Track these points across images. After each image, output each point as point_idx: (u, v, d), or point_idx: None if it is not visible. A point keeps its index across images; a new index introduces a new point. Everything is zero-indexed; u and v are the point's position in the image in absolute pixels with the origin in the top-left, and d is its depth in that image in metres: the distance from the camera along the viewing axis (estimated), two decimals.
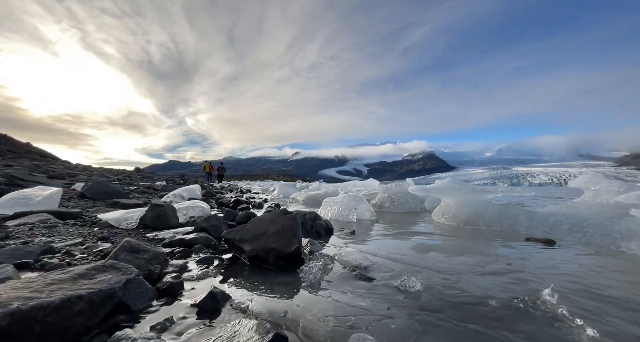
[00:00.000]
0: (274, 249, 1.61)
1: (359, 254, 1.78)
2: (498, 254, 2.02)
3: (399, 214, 4.48)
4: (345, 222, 3.49)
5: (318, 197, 6.54)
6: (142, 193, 6.63)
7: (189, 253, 1.80)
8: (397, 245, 2.28)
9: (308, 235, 2.53)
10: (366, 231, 2.93)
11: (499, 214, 3.25)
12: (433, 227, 3.24)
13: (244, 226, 1.90)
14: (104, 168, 30.00)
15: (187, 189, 5.52)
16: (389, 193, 4.93)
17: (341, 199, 3.88)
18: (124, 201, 3.92)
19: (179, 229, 2.41)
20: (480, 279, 1.48)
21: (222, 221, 2.73)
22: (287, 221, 1.81)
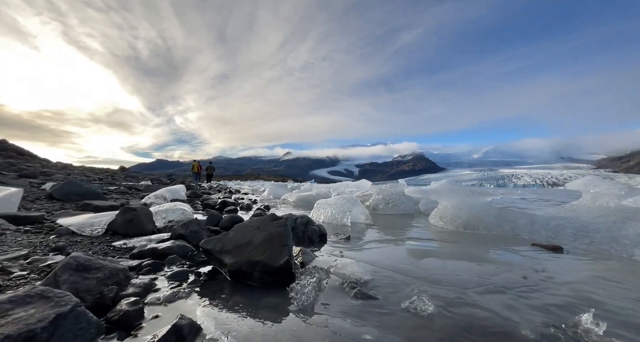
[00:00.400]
0: (260, 262, 1.37)
1: (358, 266, 1.57)
2: (508, 263, 1.85)
3: (394, 217, 4.31)
4: (340, 226, 3.28)
5: (310, 198, 6.31)
6: (122, 194, 6.21)
7: (160, 266, 1.53)
8: (397, 252, 2.08)
9: (300, 242, 2.30)
10: (362, 235, 2.72)
11: (499, 217, 3.12)
12: (432, 232, 3.08)
13: (226, 234, 1.65)
14: (86, 167, 28.72)
15: (170, 189, 5.17)
16: (384, 195, 4.76)
17: (334, 201, 3.67)
18: (97, 202, 3.57)
19: (153, 236, 2.12)
20: (499, 297, 1.29)
21: (204, 226, 2.46)
22: (276, 229, 1.58)
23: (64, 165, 25.41)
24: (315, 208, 3.86)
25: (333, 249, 2.16)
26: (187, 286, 1.33)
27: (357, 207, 3.49)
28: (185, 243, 1.93)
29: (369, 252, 2.05)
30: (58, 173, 12.33)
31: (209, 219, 2.77)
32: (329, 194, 6.46)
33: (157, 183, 14.81)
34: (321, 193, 6.39)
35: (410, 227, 3.36)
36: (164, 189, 5.04)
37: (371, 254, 2.01)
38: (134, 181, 14.97)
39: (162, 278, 1.39)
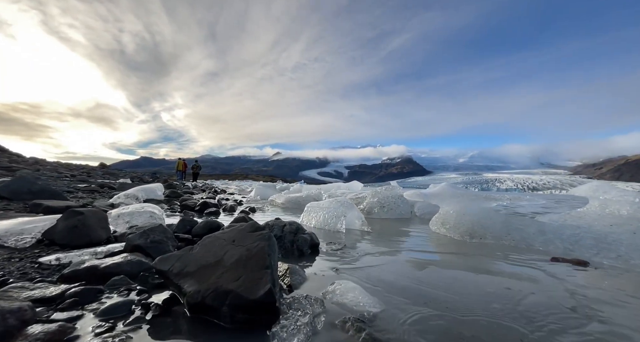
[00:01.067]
0: (232, 292, 0.99)
1: (361, 293, 1.21)
2: (533, 280, 1.56)
3: (390, 221, 4.01)
4: (333, 233, 2.92)
5: (300, 200, 5.93)
6: (91, 192, 5.60)
7: (94, 295, 1.12)
8: (404, 269, 1.74)
9: (287, 254, 1.92)
10: (359, 245, 2.38)
11: (506, 225, 2.86)
12: (435, 241, 2.77)
13: (190, 250, 1.26)
14: (61, 163, 27.06)
15: (144, 188, 4.65)
16: (379, 198, 4.45)
17: (327, 204, 3.32)
18: (50, 202, 3.04)
19: (103, 247, 1.69)
20: (549, 337, 0.97)
21: (172, 233, 2.04)
22: (256, 243, 1.20)
23: (36, 160, 23.78)
24: (305, 212, 3.49)
25: (327, 263, 1.80)
26: (125, 327, 0.93)
27: (352, 212, 3.15)
28: (142, 257, 1.51)
29: (371, 270, 1.69)
30: (25, 168, 11.33)
31: (180, 225, 2.34)
32: (319, 195, 6.11)
33: (137, 181, 13.98)
34: (311, 195, 6.02)
35: (411, 234, 3.05)
36: (136, 187, 4.52)
37: (373, 271, 1.67)
38: (112, 178, 14.07)
39: (91, 315, 0.98)
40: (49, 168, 15.07)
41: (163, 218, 2.79)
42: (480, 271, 1.75)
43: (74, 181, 8.54)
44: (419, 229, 3.33)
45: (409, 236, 2.94)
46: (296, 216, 4.36)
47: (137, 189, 4.47)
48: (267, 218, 3.96)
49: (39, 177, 7.71)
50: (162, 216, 2.79)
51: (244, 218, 3.16)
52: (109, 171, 20.25)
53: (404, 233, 3.09)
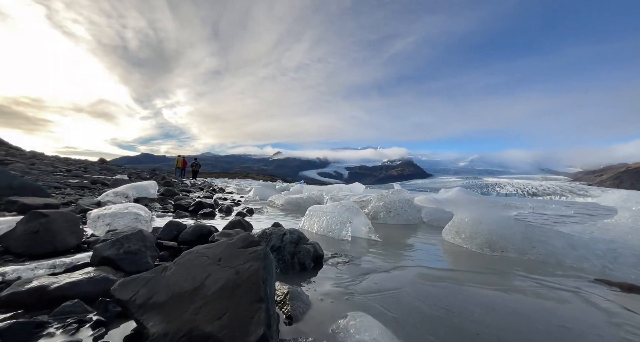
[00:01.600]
0: (212, 339, 0.72)
1: (383, 333, 0.93)
2: (585, 313, 1.28)
3: (398, 228, 3.73)
4: (337, 240, 2.64)
5: (300, 202, 5.65)
6: (81, 189, 5.33)
7: (27, 332, 0.84)
8: (425, 291, 1.46)
9: (287, 269, 1.64)
10: (369, 258, 2.10)
11: (528, 236, 2.58)
12: (452, 253, 2.49)
13: (163, 270, 0.98)
14: (60, 157, 26.82)
15: (136, 185, 4.37)
16: (385, 202, 4.17)
17: (331, 208, 3.04)
18: (29, 199, 2.77)
19: (65, 259, 1.41)
20: None
21: (154, 240, 1.76)
22: (249, 264, 0.92)
23: (34, 154, 23.53)
24: (307, 216, 3.21)
25: (334, 281, 1.52)
26: None
27: (358, 218, 2.87)
28: (111, 273, 1.24)
29: (388, 294, 1.40)
30: (19, 162, 11.07)
31: (166, 230, 2.06)
32: (321, 197, 5.83)
33: (135, 178, 13.72)
34: (313, 196, 5.75)
35: (423, 244, 2.76)
36: (127, 185, 4.24)
37: (390, 295, 1.38)
38: (109, 174, 13.80)
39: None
40: (45, 162, 14.80)
41: (150, 220, 2.51)
42: (515, 297, 1.47)
43: (67, 176, 8.28)
44: (430, 238, 3.05)
45: (422, 246, 2.66)
46: (296, 218, 4.09)
47: (128, 186, 4.19)
48: (265, 221, 3.71)
49: (29, 171, 7.45)
50: (149, 218, 2.51)
51: (240, 222, 2.88)
52: (107, 167, 19.98)
53: (415, 242, 2.81)
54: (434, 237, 3.15)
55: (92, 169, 15.24)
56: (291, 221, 3.89)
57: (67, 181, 6.44)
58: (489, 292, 1.51)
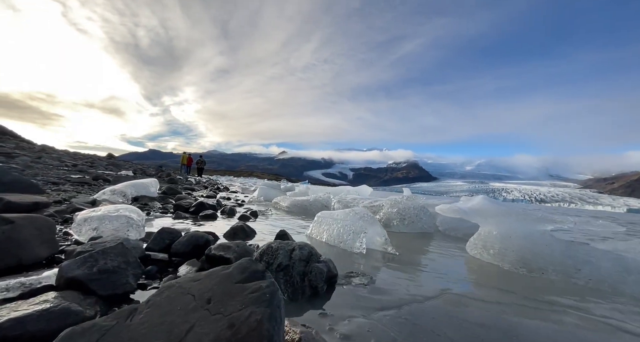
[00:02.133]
0: None
1: None
2: None
3: (413, 238, 3.42)
4: (350, 254, 2.35)
5: (306, 204, 5.37)
6: (81, 185, 5.16)
7: None
8: (471, 333, 1.17)
9: (296, 294, 1.36)
10: (390, 278, 1.80)
11: (570, 255, 2.24)
12: (484, 273, 2.18)
13: (129, 315, 0.71)
14: (69, 151, 27.17)
15: (135, 183, 4.16)
16: (399, 208, 3.86)
17: (343, 215, 2.75)
18: (16, 197, 2.55)
19: (25, 278, 1.15)
20: None
21: (141, 253, 1.50)
22: (249, 311, 0.65)
23: (43, 147, 23.84)
24: (316, 222, 2.93)
25: (355, 315, 1.23)
26: None
27: (373, 228, 2.57)
28: (75, 302, 0.97)
29: (429, 337, 1.11)
30: (26, 156, 11.08)
31: (157, 239, 1.79)
32: (328, 200, 5.54)
33: (140, 174, 13.67)
34: (320, 199, 5.46)
35: (447, 260, 2.45)
36: (127, 182, 4.03)
37: (419, 331, 1.09)
38: (115, 169, 13.79)
39: None
40: (53, 156, 14.87)
41: (143, 225, 2.26)
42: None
43: (71, 171, 8.17)
44: (453, 252, 2.74)
45: (446, 263, 2.35)
46: (303, 223, 3.80)
47: (127, 184, 3.98)
48: (270, 227, 3.42)
49: (32, 165, 7.35)
50: (142, 222, 2.27)
51: (242, 228, 2.62)
52: (113, 162, 20.07)
53: (437, 258, 2.50)
54: (456, 250, 2.83)
55: (99, 164, 15.27)
56: (298, 227, 3.62)
57: (68, 176, 6.29)
58: (548, 332, 1.20)
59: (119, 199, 3.58)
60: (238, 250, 1.52)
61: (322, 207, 5.31)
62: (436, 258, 2.48)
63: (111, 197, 3.55)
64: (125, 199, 3.67)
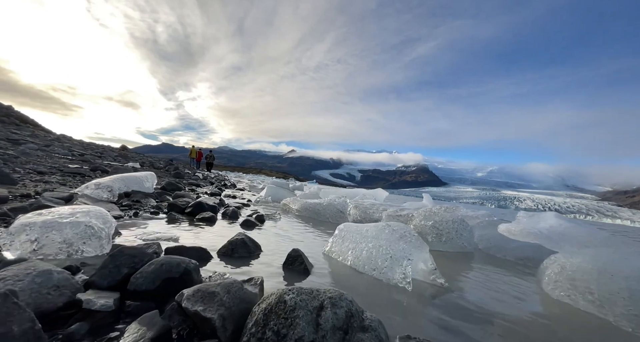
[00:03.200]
0: None
1: None
2: None
3: (456, 259, 2.73)
4: (388, 288, 1.70)
5: (319, 209, 4.74)
6: (73, 176, 4.69)
7: None
8: None
9: None
10: (446, 337, 1.15)
11: None
12: (585, 329, 1.48)
13: None
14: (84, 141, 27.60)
15: (126, 177, 3.62)
16: (435, 221, 3.16)
17: (375, 231, 2.09)
18: None
19: None
20: None
21: (70, 297, 0.89)
22: None
23: (57, 136, 24.17)
24: (337, 237, 2.28)
25: None
26: None
27: (420, 252, 1.90)
28: None
29: None
30: (34, 143, 10.92)
31: (106, 268, 1.17)
32: (344, 205, 4.88)
33: (148, 166, 13.39)
34: (334, 204, 4.81)
35: (522, 302, 1.75)
36: (115, 176, 3.49)
37: None
38: (124, 161, 13.57)
39: None
40: (66, 145, 14.83)
41: (110, 234, 1.67)
42: None
43: (73, 161, 7.82)
44: (523, 287, 2.03)
45: (525, 308, 1.65)
46: (319, 234, 3.13)
47: (115, 177, 3.44)
48: (278, 237, 2.71)
49: (30, 152, 7.01)
50: (109, 230, 1.68)
51: (244, 242, 2.01)
52: (124, 154, 20.03)
53: (507, 298, 1.80)
54: (523, 283, 2.12)
55: (108, 155, 15.14)
56: (312, 239, 2.98)
57: (66, 165, 5.89)
58: None
59: (103, 195, 3.04)
60: (227, 302, 0.90)
61: (337, 212, 4.66)
62: (506, 299, 1.78)
63: (94, 193, 3.01)
64: (112, 194, 3.13)
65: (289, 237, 2.89)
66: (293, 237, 2.88)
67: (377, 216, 4.60)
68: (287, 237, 2.88)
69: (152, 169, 12.22)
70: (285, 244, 2.48)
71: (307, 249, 2.13)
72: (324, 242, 2.69)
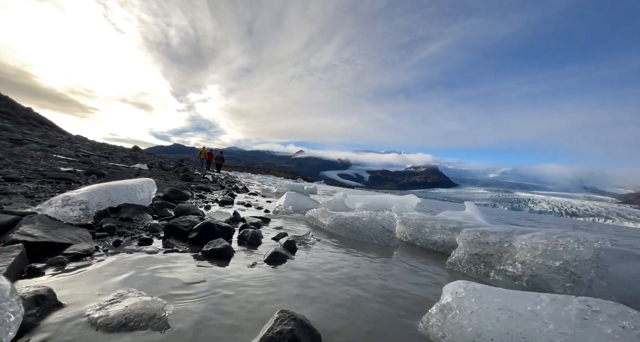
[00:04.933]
0: None
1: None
2: None
3: None
4: None
5: (359, 226, 3.69)
6: (54, 182, 3.82)
7: None
8: None
9: None
10: None
11: None
12: None
13: None
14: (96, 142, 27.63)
15: (111, 187, 2.68)
16: (565, 260, 2.06)
17: (559, 312, 1.04)
18: None
19: None
20: None
21: None
22: None
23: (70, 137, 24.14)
24: (455, 310, 1.24)
25: None
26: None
27: None
28: None
29: None
30: (37, 143, 10.34)
31: None
32: (390, 221, 3.79)
33: (156, 168, 12.69)
34: (378, 219, 3.73)
35: None
36: (95, 186, 2.55)
37: None
38: (132, 162, 12.91)
39: None
40: (76, 145, 14.36)
41: (8, 332, 0.70)
42: None
43: (72, 163, 7.06)
44: None
45: None
46: (373, 263, 1.92)
47: (96, 188, 2.50)
48: (327, 286, 1.43)
49: (17, 153, 6.26)
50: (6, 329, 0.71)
51: (294, 337, 0.99)
52: (133, 154, 19.56)
53: None
54: None
55: (117, 156, 14.58)
56: (380, 287, 1.93)
57: (57, 168, 5.07)
58: None
59: (71, 214, 2.10)
60: None
61: (383, 231, 3.61)
62: None
63: (59, 212, 2.07)
64: (85, 213, 2.19)
65: (345, 285, 1.84)
66: (350, 289, 1.82)
67: (436, 238, 3.52)
68: (341, 286, 1.83)
69: (161, 171, 11.48)
70: (350, 315, 1.44)
71: (387, 322, 1.12)
72: (403, 298, 1.65)
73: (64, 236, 1.82)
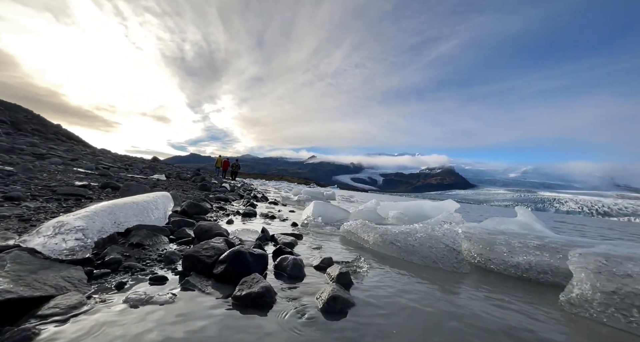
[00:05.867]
0: None
1: None
2: None
3: None
4: None
5: (414, 245, 3.00)
6: (62, 199, 3.42)
7: None
8: None
9: None
10: None
11: None
12: None
13: None
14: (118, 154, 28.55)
15: (118, 206, 2.17)
16: None
17: None
18: None
19: None
20: None
21: None
22: None
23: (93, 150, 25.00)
24: None
25: None
26: None
27: None
28: None
29: None
30: (59, 157, 10.40)
31: None
32: (454, 237, 3.07)
33: (174, 178, 12.53)
34: (436, 234, 3.03)
35: None
36: (100, 205, 2.05)
37: None
38: (150, 172, 12.85)
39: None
40: (98, 158, 14.59)
41: None
42: None
43: (89, 176, 6.83)
44: None
45: None
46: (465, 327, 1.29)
47: (100, 208, 2.00)
48: None
49: (31, 168, 6.06)
50: None
51: None
52: (151, 165, 19.78)
53: None
54: None
55: (135, 167, 14.65)
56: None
57: (72, 183, 4.75)
58: None
59: (63, 246, 1.58)
60: None
61: (448, 251, 2.89)
62: None
63: (48, 243, 1.56)
64: (82, 243, 1.67)
65: None
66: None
67: (520, 260, 2.76)
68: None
69: (179, 181, 11.25)
70: None
71: None
72: None
73: (46, 283, 1.28)
